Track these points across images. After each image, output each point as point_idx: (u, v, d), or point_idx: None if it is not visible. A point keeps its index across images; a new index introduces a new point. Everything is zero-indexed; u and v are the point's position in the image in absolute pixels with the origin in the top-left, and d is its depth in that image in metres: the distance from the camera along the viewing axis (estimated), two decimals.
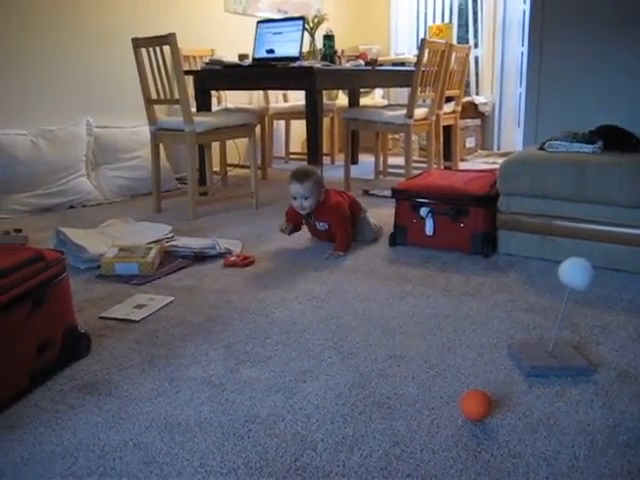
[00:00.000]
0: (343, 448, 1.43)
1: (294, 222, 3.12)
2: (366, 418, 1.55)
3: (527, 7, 5.42)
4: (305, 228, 3.20)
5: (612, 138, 2.84)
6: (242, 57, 4.49)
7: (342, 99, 6.29)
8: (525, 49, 5.44)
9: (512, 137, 6.37)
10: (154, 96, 3.80)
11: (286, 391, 1.69)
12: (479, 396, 1.54)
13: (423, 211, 2.99)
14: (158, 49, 3.63)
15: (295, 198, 2.94)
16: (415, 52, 4.27)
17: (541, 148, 2.91)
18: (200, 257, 2.90)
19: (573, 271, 1.76)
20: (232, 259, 2.83)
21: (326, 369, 1.82)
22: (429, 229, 3.00)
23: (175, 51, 3.52)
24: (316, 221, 3.05)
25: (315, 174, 2.97)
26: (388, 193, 3.37)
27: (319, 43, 4.55)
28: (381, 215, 3.64)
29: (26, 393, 1.68)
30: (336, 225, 3.00)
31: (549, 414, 1.56)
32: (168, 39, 3.50)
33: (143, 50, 3.71)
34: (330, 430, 1.50)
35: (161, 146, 4.03)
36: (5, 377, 1.61)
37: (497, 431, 1.49)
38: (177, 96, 3.63)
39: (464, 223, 2.92)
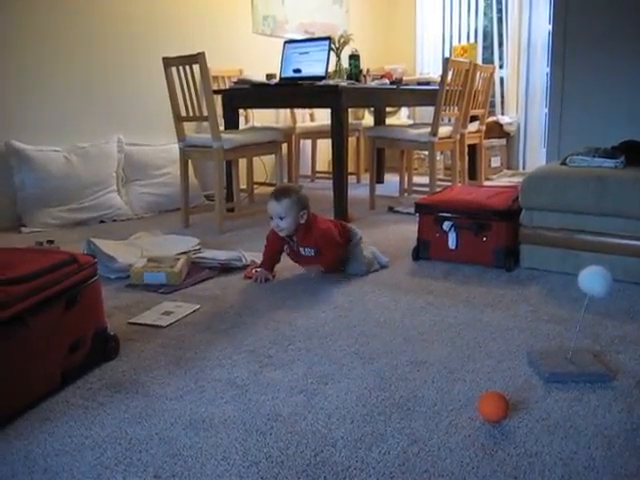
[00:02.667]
0: (362, 445, 1.47)
1: (272, 247, 2.86)
2: (385, 418, 1.59)
3: (551, 28, 5.45)
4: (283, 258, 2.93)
5: (634, 153, 2.86)
6: (270, 77, 4.59)
7: (368, 119, 6.37)
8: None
9: (537, 157, 6.37)
10: (183, 113, 3.90)
11: (308, 392, 1.74)
12: (497, 398, 1.57)
13: (446, 225, 3.02)
14: (188, 68, 3.73)
15: (272, 217, 2.73)
16: (440, 72, 4.32)
17: (563, 163, 2.94)
18: (226, 268, 2.96)
19: (592, 279, 1.79)
20: (254, 271, 2.87)
21: (347, 373, 1.86)
22: (452, 243, 3.03)
23: (204, 69, 3.62)
24: (300, 246, 2.80)
25: (295, 193, 2.73)
26: (412, 210, 3.41)
27: (345, 63, 4.64)
28: (404, 231, 3.70)
29: (58, 390, 1.74)
30: (328, 251, 2.77)
31: (567, 417, 1.58)
32: (198, 58, 3.61)
33: (173, 69, 3.81)
34: (350, 429, 1.54)
35: (190, 163, 4.12)
36: (39, 374, 1.68)
37: (514, 432, 1.52)
38: (206, 113, 3.73)
39: (487, 237, 2.94)
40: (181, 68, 3.76)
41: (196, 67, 3.66)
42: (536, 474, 1.35)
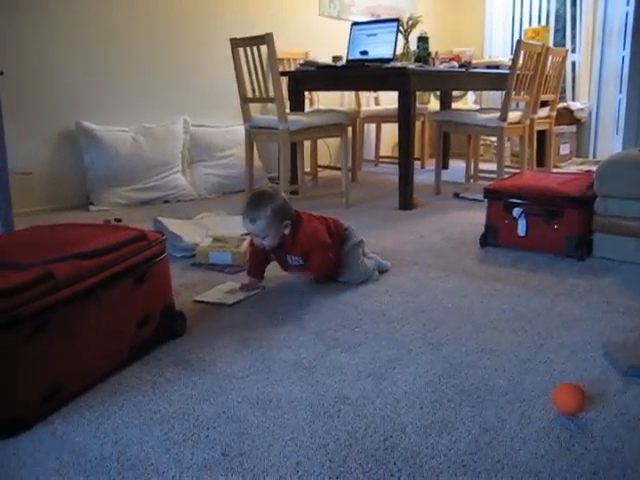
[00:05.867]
0: (432, 432, 1.43)
1: (258, 256, 2.47)
2: (455, 405, 1.55)
3: (630, 8, 5.22)
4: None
5: None
6: (336, 59, 4.54)
7: (433, 103, 6.26)
8: (627, 53, 5.26)
9: (609, 145, 6.15)
10: (250, 95, 3.90)
11: (375, 376, 1.71)
12: (573, 389, 1.51)
13: (516, 211, 2.94)
14: (255, 49, 3.72)
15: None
16: (509, 56, 4.19)
17: None
18: None
19: None
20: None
21: (415, 358, 1.82)
22: (521, 230, 2.94)
23: (272, 50, 3.60)
24: (287, 255, 2.43)
25: (271, 206, 2.27)
26: (479, 196, 3.34)
27: (413, 45, 4.55)
28: (471, 217, 3.62)
29: (126, 365, 1.76)
30: (315, 255, 2.38)
31: None
32: (265, 39, 3.59)
33: (241, 50, 3.81)
34: (419, 415, 1.51)
35: (254, 145, 4.12)
36: (109, 348, 1.69)
37: (591, 426, 1.46)
38: (272, 94, 3.72)
39: (558, 225, 2.85)
40: (248, 49, 3.75)
41: (263, 48, 3.65)
42: (617, 471, 1.29)
